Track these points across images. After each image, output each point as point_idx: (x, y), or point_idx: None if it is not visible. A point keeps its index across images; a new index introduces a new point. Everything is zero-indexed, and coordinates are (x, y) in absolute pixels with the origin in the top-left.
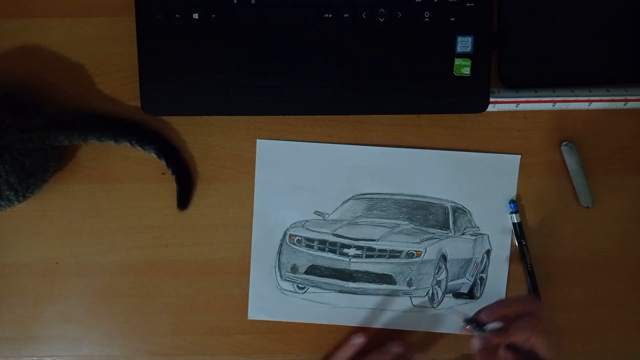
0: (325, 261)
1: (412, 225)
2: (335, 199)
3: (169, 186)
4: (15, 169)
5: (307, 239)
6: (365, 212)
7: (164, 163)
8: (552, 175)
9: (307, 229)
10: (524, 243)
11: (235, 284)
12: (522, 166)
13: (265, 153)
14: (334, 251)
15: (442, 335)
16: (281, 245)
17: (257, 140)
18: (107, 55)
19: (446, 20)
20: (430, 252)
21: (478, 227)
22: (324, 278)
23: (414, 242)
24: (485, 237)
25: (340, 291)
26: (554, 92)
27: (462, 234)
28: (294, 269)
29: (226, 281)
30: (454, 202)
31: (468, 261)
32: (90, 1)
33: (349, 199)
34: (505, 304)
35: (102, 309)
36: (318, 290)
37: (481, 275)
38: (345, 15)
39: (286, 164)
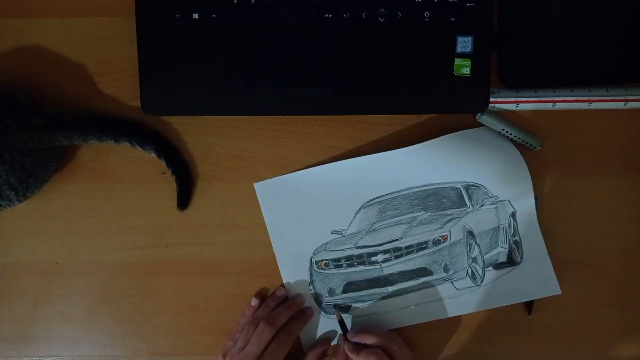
0: (358, 275)
1: (429, 213)
2: (347, 214)
3: (169, 186)
4: (15, 169)
5: (334, 260)
6: (379, 215)
7: (164, 163)
8: (552, 175)
9: (330, 250)
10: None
11: (235, 284)
12: None
13: (265, 194)
14: (362, 263)
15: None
16: (311, 274)
17: (254, 184)
18: (107, 55)
19: (446, 20)
20: (456, 232)
21: (496, 196)
22: (362, 291)
23: (436, 229)
24: (507, 202)
25: (382, 298)
26: (554, 92)
27: (482, 206)
28: (331, 292)
29: (226, 281)
30: (464, 181)
31: (496, 230)
32: (90, 1)
33: (359, 209)
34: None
35: (102, 309)
36: (361, 304)
37: (514, 239)
38: (345, 15)
39: (289, 197)
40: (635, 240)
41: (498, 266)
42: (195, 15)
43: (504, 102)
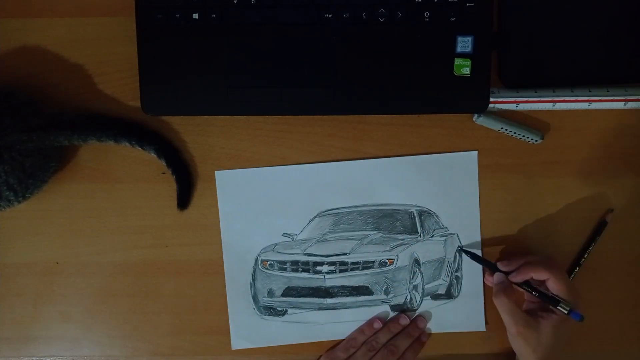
0: (300, 281)
1: (381, 234)
2: (302, 219)
3: (169, 186)
4: (15, 170)
5: (279, 262)
6: (332, 227)
7: (164, 163)
8: (553, 175)
9: (277, 252)
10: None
11: None
12: (523, 166)
13: (225, 183)
14: (307, 270)
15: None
16: (254, 271)
17: (216, 172)
18: (107, 55)
19: (446, 20)
20: (403, 258)
21: (446, 228)
22: (301, 298)
23: (385, 251)
24: (455, 236)
25: (320, 308)
26: (554, 92)
27: (432, 236)
28: (270, 294)
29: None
30: (419, 206)
31: (441, 262)
32: (90, 1)
33: (314, 217)
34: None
35: (102, 309)
36: (297, 310)
37: (456, 274)
38: (345, 15)
39: (248, 192)
40: (636, 240)
41: (435, 297)
42: (195, 15)
43: (504, 102)
